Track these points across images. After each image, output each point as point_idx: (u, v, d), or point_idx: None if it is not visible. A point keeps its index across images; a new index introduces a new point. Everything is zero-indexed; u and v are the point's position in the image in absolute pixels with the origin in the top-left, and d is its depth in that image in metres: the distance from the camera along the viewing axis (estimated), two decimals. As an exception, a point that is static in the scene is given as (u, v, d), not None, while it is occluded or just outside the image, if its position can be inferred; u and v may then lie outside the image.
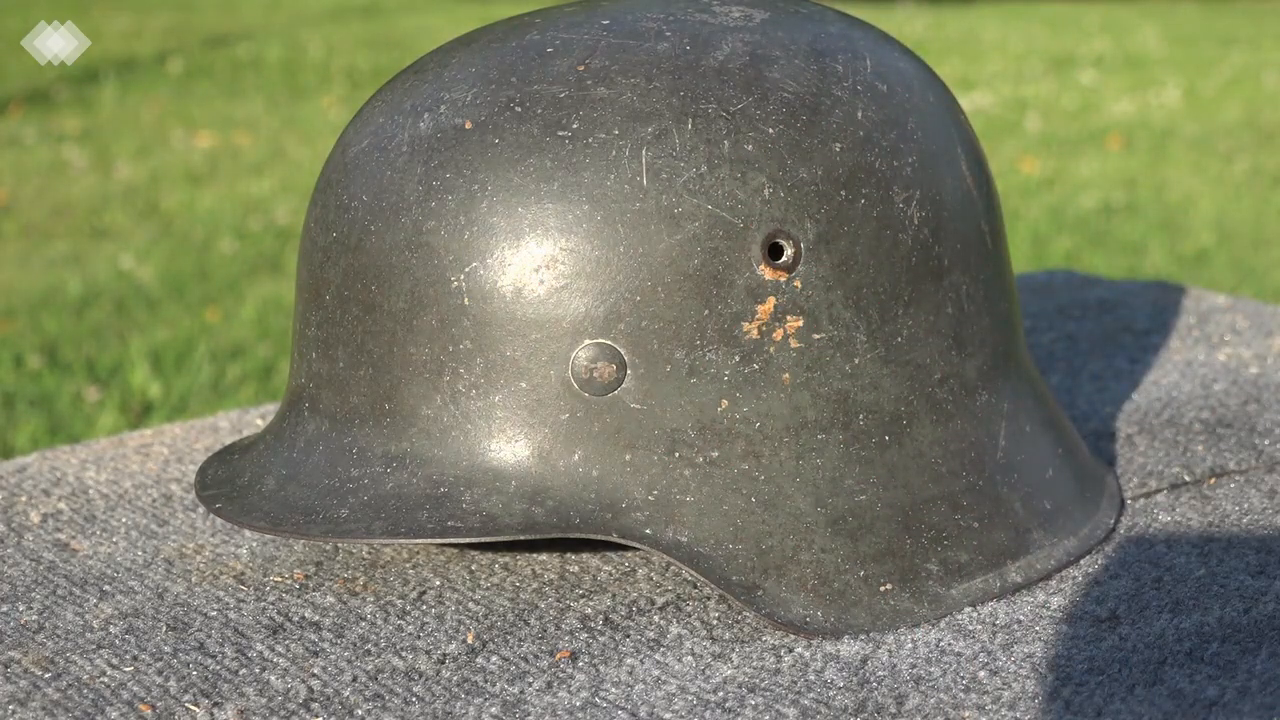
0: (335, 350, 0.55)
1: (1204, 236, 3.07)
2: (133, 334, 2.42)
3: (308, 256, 0.57)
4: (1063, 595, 0.53)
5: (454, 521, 0.50)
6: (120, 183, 3.52)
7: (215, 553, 0.58)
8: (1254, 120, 4.23)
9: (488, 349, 0.52)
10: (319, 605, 0.54)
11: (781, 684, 0.48)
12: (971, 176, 0.57)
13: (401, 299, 0.53)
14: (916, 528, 0.53)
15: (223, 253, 2.92)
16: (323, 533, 0.51)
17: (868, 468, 0.52)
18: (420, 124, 0.54)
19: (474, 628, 0.52)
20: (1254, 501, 0.60)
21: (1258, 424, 0.68)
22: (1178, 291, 0.91)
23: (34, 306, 2.56)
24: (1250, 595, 0.52)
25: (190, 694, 0.48)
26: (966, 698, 0.47)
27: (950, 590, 0.52)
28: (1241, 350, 0.79)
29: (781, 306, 0.51)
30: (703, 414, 0.51)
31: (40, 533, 0.61)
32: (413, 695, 0.48)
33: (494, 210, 0.52)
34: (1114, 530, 0.58)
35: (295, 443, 0.55)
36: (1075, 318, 0.86)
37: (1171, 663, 0.48)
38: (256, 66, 5.12)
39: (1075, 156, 3.82)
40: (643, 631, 0.51)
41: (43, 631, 0.53)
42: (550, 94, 0.52)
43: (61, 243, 3.00)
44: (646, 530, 0.51)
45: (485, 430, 0.52)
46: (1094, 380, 0.75)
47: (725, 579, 0.51)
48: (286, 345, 2.35)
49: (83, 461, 0.68)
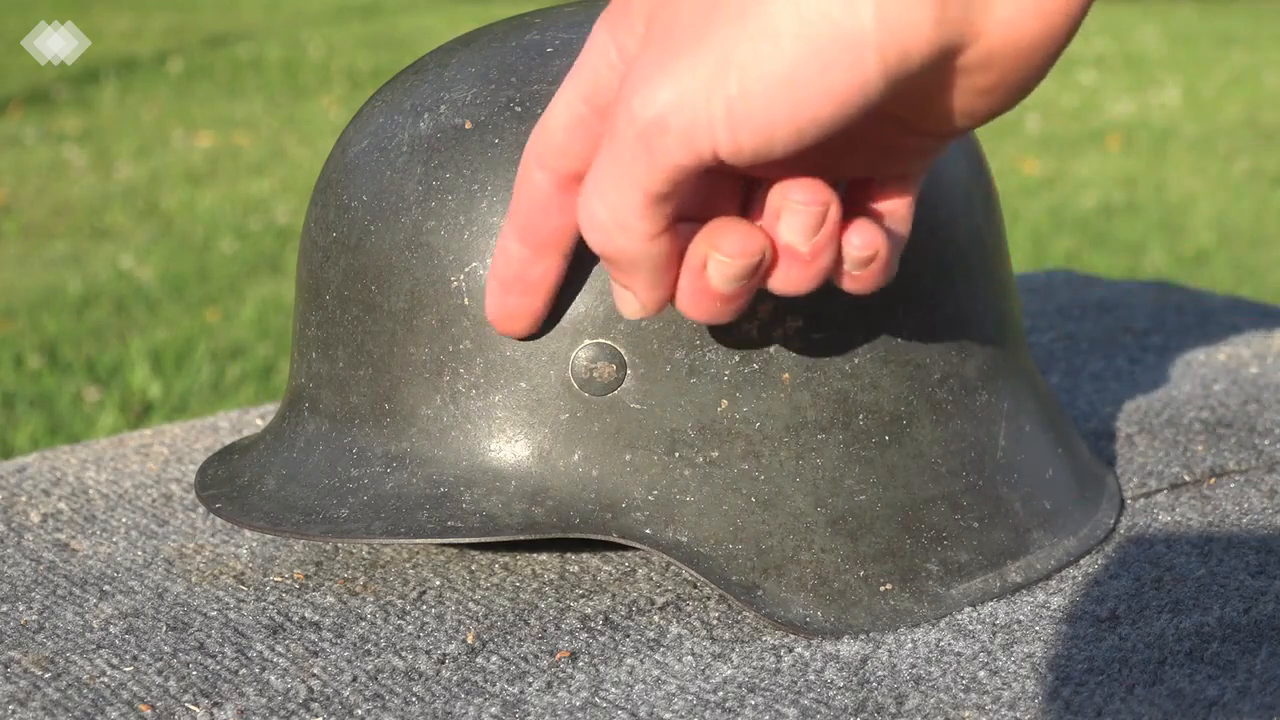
0: (335, 350, 0.55)
1: (1204, 236, 3.07)
2: (133, 334, 2.43)
3: (307, 256, 0.57)
4: (1063, 595, 0.53)
5: (454, 521, 0.50)
6: (120, 183, 3.52)
7: (215, 553, 0.58)
8: (1254, 120, 4.23)
9: (488, 349, 0.52)
10: (319, 605, 0.54)
11: (781, 684, 0.48)
12: (971, 176, 0.57)
13: (401, 299, 0.53)
14: (916, 528, 0.53)
15: (223, 253, 2.92)
16: (322, 533, 0.51)
17: (868, 467, 0.52)
18: (420, 124, 0.54)
19: (474, 628, 0.52)
20: (1254, 501, 0.60)
21: (1258, 424, 0.68)
22: (1178, 291, 0.91)
23: (34, 306, 2.56)
24: (1250, 595, 0.52)
25: (190, 694, 0.48)
26: (966, 698, 0.47)
27: (950, 590, 0.52)
28: (1241, 350, 0.79)
29: (781, 306, 0.51)
30: (703, 414, 0.51)
31: (40, 533, 0.61)
32: (413, 695, 0.48)
33: (494, 210, 0.52)
34: (1114, 530, 0.58)
35: (295, 443, 0.55)
36: (1075, 318, 0.86)
37: (1171, 663, 0.48)
38: (256, 66, 5.13)
39: (1075, 156, 3.82)
40: (643, 631, 0.51)
41: (43, 631, 0.53)
42: (550, 94, 0.52)
43: (61, 243, 3.00)
44: (646, 530, 0.51)
45: (485, 430, 0.52)
46: (1094, 380, 0.75)
47: (725, 579, 0.51)
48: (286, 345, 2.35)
49: (83, 461, 0.68)
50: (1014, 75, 0.39)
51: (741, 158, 0.39)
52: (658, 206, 0.41)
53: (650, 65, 0.39)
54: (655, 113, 0.39)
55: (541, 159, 0.45)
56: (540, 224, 0.46)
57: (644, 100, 0.39)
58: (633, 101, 0.39)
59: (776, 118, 0.38)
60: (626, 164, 0.40)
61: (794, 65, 0.37)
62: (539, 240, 0.47)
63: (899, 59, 0.37)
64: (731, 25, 0.38)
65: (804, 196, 0.41)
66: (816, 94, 0.37)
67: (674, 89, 0.39)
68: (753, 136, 0.38)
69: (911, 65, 0.37)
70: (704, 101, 0.38)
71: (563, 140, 0.44)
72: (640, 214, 0.41)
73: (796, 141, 0.38)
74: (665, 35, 0.39)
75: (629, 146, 0.40)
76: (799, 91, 0.38)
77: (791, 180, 0.41)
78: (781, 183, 0.41)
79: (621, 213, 0.41)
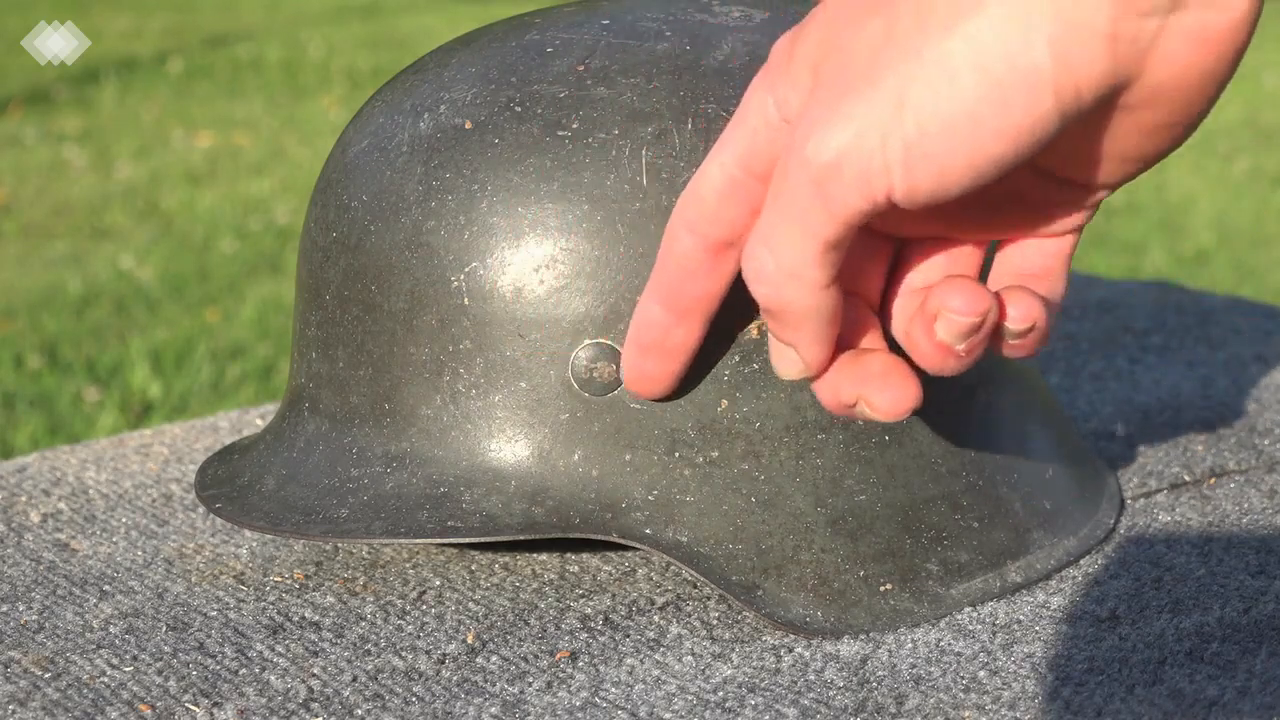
0: (335, 350, 0.55)
1: (1204, 236, 3.07)
2: (133, 334, 2.43)
3: (308, 256, 0.57)
4: (1063, 595, 0.53)
5: (454, 521, 0.50)
6: (120, 183, 3.52)
7: (215, 553, 0.58)
8: (1254, 120, 4.23)
9: (488, 349, 0.52)
10: (319, 605, 0.54)
11: (781, 684, 0.48)
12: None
13: (401, 299, 0.53)
14: (916, 528, 0.53)
15: (223, 253, 2.92)
16: (322, 533, 0.51)
17: (868, 468, 0.52)
18: (420, 124, 0.54)
19: (474, 628, 0.52)
20: (1254, 501, 0.60)
21: (1258, 424, 0.68)
22: (1178, 291, 0.91)
23: (34, 306, 2.56)
24: (1250, 595, 0.52)
25: (190, 694, 0.48)
26: (966, 698, 0.47)
27: (950, 590, 0.52)
28: (1241, 350, 0.79)
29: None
30: (703, 414, 0.51)
31: (40, 533, 0.61)
32: (413, 695, 0.48)
33: (494, 210, 0.52)
34: (1114, 530, 0.58)
35: (295, 443, 0.55)
36: (1075, 318, 0.86)
37: (1171, 663, 0.48)
38: (256, 66, 5.13)
39: (1075, 156, 3.81)
40: (643, 631, 0.51)
41: (43, 631, 0.53)
42: (550, 94, 0.52)
43: (61, 243, 3.00)
44: (646, 530, 0.51)
45: (485, 430, 0.52)
46: (1094, 380, 0.75)
47: (725, 579, 0.51)
48: (286, 345, 2.35)
49: (83, 461, 0.68)
50: (1180, 110, 0.39)
51: (916, 199, 0.39)
52: (830, 254, 0.40)
53: (822, 110, 0.39)
54: (830, 157, 0.39)
55: (693, 225, 0.44)
56: (686, 289, 0.46)
57: (818, 144, 0.39)
58: (806, 147, 0.39)
59: (954, 157, 0.38)
60: (800, 211, 0.40)
61: (973, 104, 0.37)
62: (683, 306, 0.46)
63: (1074, 95, 0.37)
64: (906, 64, 0.38)
65: (961, 305, 0.41)
66: (994, 132, 0.37)
67: (848, 131, 0.38)
68: (929, 177, 0.38)
69: (1085, 101, 0.38)
70: (879, 142, 0.38)
71: (715, 206, 0.44)
72: (814, 262, 0.40)
73: (972, 181, 0.38)
74: (835, 80, 0.39)
75: (802, 193, 0.39)
76: (977, 130, 0.38)
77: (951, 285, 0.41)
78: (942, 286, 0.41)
79: (794, 262, 0.40)
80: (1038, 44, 0.37)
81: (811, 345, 0.43)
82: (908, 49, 0.38)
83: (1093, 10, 0.37)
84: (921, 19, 0.38)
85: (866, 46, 0.39)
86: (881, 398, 0.43)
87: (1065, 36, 0.37)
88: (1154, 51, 0.37)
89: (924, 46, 0.38)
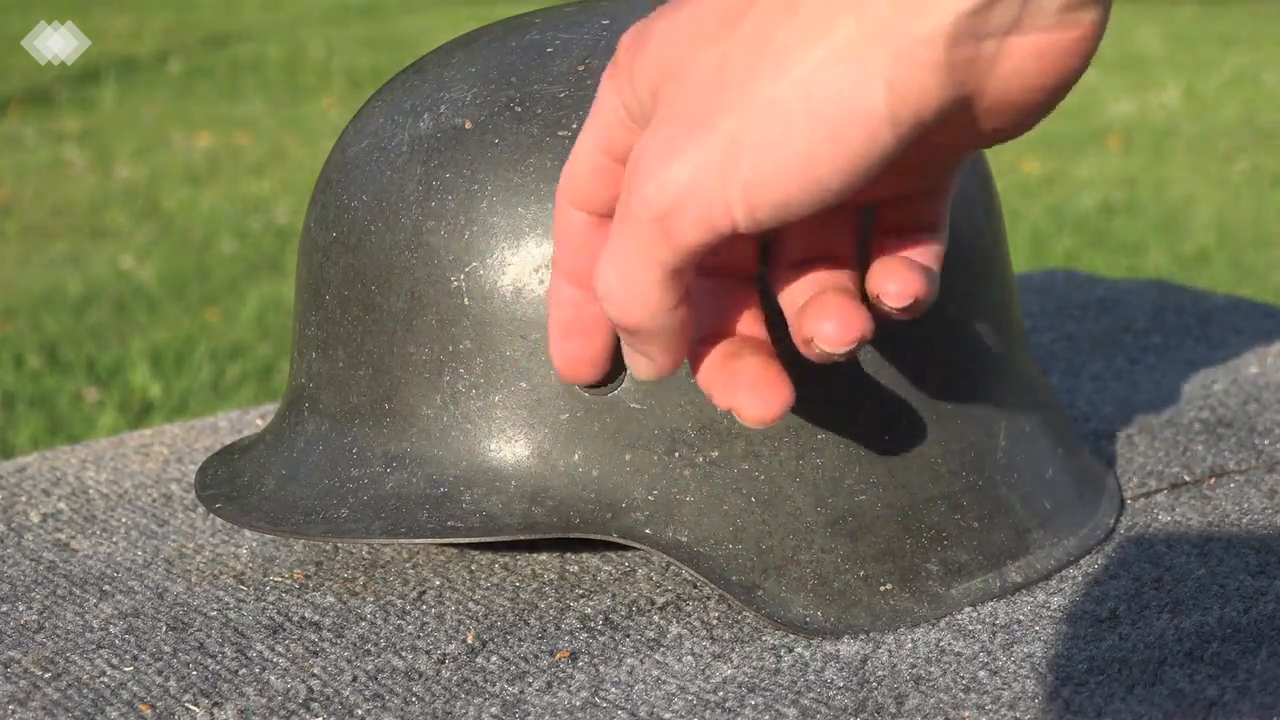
0: (335, 350, 0.55)
1: (1204, 236, 3.07)
2: (133, 334, 2.43)
3: (307, 256, 0.57)
4: (1063, 595, 0.53)
5: (454, 521, 0.50)
6: (120, 183, 3.52)
7: (215, 553, 0.58)
8: (1254, 120, 4.23)
9: (488, 349, 0.52)
10: (319, 605, 0.54)
11: (781, 684, 0.48)
12: (971, 176, 0.57)
13: (401, 299, 0.53)
14: (916, 528, 0.53)
15: (223, 253, 2.92)
16: (322, 533, 0.51)
17: (868, 468, 0.52)
18: (420, 124, 0.54)
19: (474, 628, 0.52)
20: (1254, 501, 0.60)
21: (1258, 424, 0.68)
22: (1178, 291, 0.91)
23: (34, 306, 2.56)
24: (1250, 595, 0.52)
25: (190, 694, 0.48)
26: (966, 698, 0.47)
27: (950, 590, 0.52)
28: (1241, 350, 0.79)
29: (781, 306, 0.51)
30: (702, 414, 0.51)
31: (40, 533, 0.61)
32: (413, 695, 0.48)
33: (494, 210, 0.52)
34: (1114, 530, 0.58)
35: (295, 443, 0.55)
36: (1075, 318, 0.86)
37: (1171, 663, 0.48)
38: (256, 66, 5.13)
39: (1075, 156, 3.82)
40: (643, 631, 0.51)
41: (43, 631, 0.53)
42: (550, 94, 0.52)
43: (61, 243, 3.00)
44: (646, 530, 0.51)
45: (485, 430, 0.52)
46: (1094, 380, 0.75)
47: (725, 579, 0.51)
48: (286, 345, 2.35)
49: (83, 461, 0.68)
50: (1022, 115, 0.39)
51: (761, 227, 0.39)
52: (675, 280, 0.41)
53: (661, 148, 0.40)
54: (670, 199, 0.39)
55: (575, 201, 0.45)
56: (586, 262, 0.46)
57: (659, 186, 0.39)
58: (646, 188, 0.40)
59: (794, 192, 0.38)
60: (643, 245, 0.40)
61: (806, 146, 0.38)
62: (588, 279, 0.47)
63: (914, 123, 0.38)
64: (739, 108, 0.38)
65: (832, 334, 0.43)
66: (832, 169, 0.38)
67: (685, 174, 0.39)
68: (771, 209, 0.39)
69: (927, 122, 0.38)
70: (719, 185, 0.39)
71: (588, 184, 0.45)
72: (658, 287, 0.41)
73: (814, 207, 0.39)
74: (672, 113, 0.40)
75: (645, 229, 0.40)
76: (814, 168, 0.38)
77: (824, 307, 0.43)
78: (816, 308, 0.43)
79: (639, 287, 0.41)
80: (874, 85, 0.37)
81: (661, 354, 0.44)
82: (741, 90, 0.38)
83: (927, 44, 0.36)
84: (753, 58, 0.38)
85: (703, 81, 0.39)
86: (751, 408, 0.44)
87: (903, 75, 0.37)
88: (994, 71, 0.38)
89: (755, 89, 0.38)
